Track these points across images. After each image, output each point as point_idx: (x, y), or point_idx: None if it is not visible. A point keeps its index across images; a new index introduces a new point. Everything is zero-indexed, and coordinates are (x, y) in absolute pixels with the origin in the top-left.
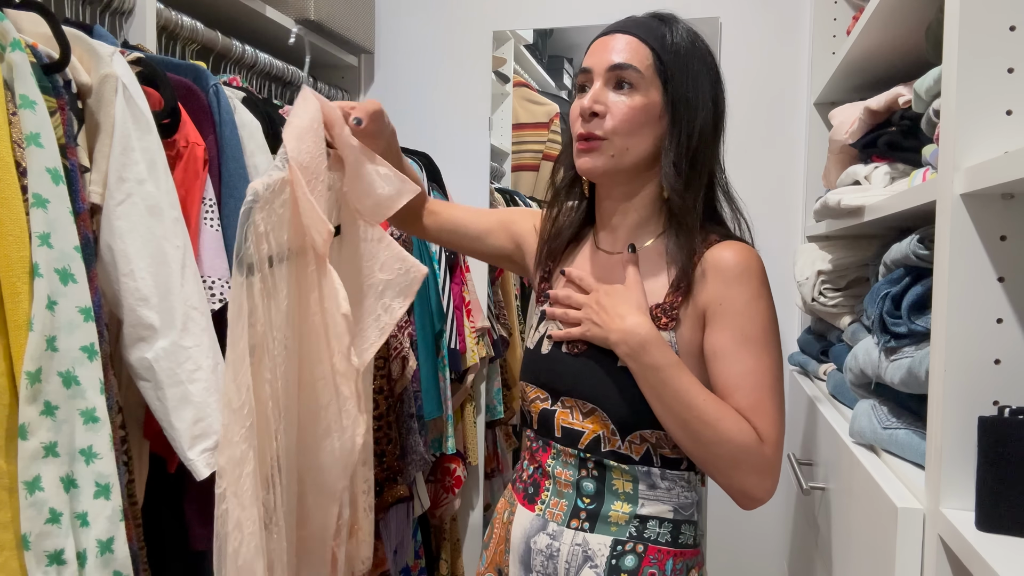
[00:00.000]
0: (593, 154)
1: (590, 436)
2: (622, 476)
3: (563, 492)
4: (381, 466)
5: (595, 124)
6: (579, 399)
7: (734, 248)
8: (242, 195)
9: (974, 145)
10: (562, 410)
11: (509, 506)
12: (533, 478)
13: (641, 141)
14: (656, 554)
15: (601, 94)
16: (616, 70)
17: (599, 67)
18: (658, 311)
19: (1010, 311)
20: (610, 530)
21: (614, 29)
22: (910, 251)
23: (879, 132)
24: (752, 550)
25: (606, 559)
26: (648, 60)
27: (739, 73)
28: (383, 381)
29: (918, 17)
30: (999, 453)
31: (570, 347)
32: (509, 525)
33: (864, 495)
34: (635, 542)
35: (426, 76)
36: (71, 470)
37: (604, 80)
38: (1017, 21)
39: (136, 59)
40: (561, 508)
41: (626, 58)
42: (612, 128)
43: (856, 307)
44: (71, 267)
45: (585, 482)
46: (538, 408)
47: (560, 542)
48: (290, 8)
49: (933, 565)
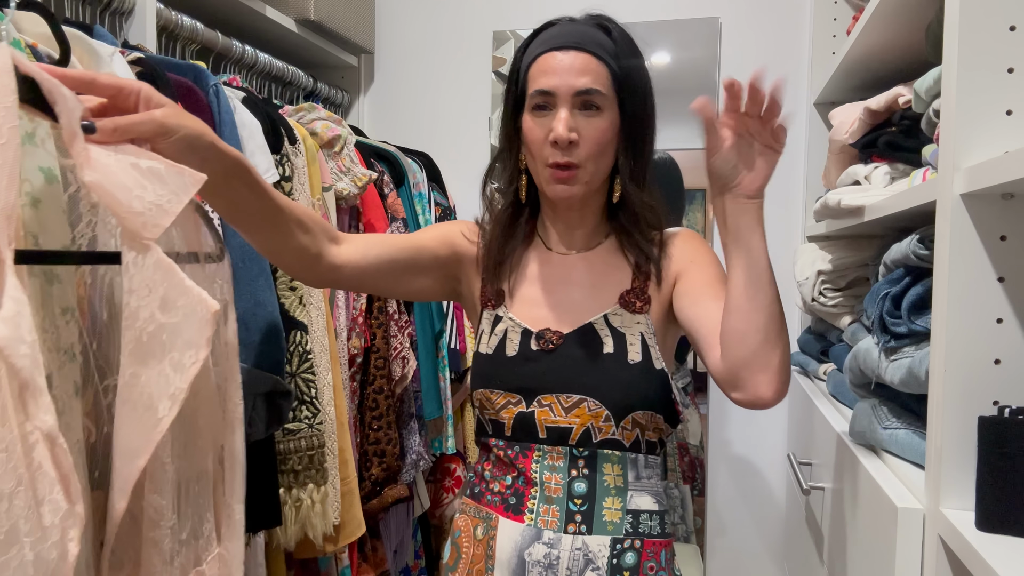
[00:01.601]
0: (571, 183)
1: (580, 430)
2: (612, 468)
3: (552, 498)
4: (381, 466)
5: (572, 153)
6: (561, 394)
7: (684, 231)
8: None
9: (974, 145)
10: (540, 409)
11: (481, 522)
12: (514, 488)
13: (606, 161)
14: (652, 547)
15: (573, 121)
16: (584, 95)
17: (564, 92)
18: (631, 296)
19: (1010, 311)
20: (607, 529)
21: (565, 44)
22: (910, 251)
23: (879, 132)
24: (752, 550)
25: (607, 559)
26: (608, 80)
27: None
28: (383, 381)
29: (918, 17)
30: (999, 453)
31: (542, 343)
32: (491, 541)
33: (864, 495)
34: (632, 538)
35: (426, 76)
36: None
37: (571, 104)
38: (1017, 21)
39: (136, 59)
40: (554, 514)
41: (591, 82)
42: (585, 155)
43: (856, 307)
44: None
45: (576, 483)
46: (512, 413)
47: (559, 549)
48: (290, 8)
49: (933, 565)
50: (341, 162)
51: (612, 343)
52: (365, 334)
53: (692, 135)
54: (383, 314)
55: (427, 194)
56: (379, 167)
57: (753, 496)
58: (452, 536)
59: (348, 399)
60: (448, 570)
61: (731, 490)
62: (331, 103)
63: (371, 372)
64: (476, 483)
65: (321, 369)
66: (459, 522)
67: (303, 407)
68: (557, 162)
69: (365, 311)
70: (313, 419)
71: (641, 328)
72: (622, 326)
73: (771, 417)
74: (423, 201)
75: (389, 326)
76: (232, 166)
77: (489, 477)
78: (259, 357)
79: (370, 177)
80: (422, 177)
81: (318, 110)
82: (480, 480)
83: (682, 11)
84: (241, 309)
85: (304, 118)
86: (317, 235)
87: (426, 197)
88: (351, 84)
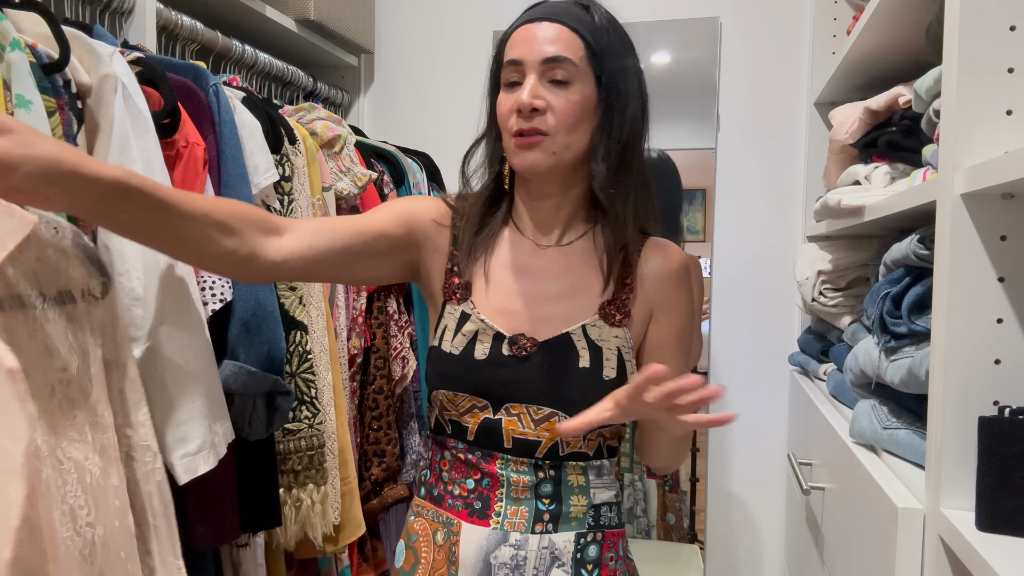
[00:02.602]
0: (535, 150)
1: (548, 444)
2: (575, 472)
3: (520, 499)
4: (381, 466)
5: (537, 120)
6: (531, 405)
7: (670, 249)
8: (242, 195)
9: (974, 145)
10: (508, 418)
11: (441, 527)
12: (479, 491)
13: (580, 137)
14: (611, 538)
15: (539, 88)
16: (551, 63)
17: (532, 60)
18: (611, 308)
19: (1010, 311)
20: (571, 525)
21: (539, 16)
22: (910, 251)
23: (879, 132)
24: (752, 550)
25: (572, 554)
26: (581, 51)
27: (739, 73)
28: (383, 381)
29: (918, 17)
30: (999, 453)
31: (515, 349)
32: (453, 547)
33: (864, 495)
34: (593, 531)
35: (426, 76)
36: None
37: (539, 73)
38: (1017, 21)
39: (136, 59)
40: (522, 515)
41: (560, 50)
42: (555, 125)
43: (856, 307)
44: None
45: (543, 485)
46: (477, 418)
47: (526, 550)
48: (290, 8)
49: (933, 565)
50: (341, 162)
51: (588, 357)
52: (365, 334)
53: (692, 135)
54: (383, 314)
55: (427, 194)
56: (379, 167)
57: (753, 496)
58: (407, 539)
59: (348, 399)
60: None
61: (731, 490)
62: (331, 103)
63: (371, 372)
64: (433, 483)
65: (321, 369)
66: (415, 525)
67: (303, 407)
68: (521, 128)
69: (365, 311)
70: (313, 419)
71: (619, 342)
72: (599, 339)
73: (771, 417)
74: None
75: (389, 326)
76: (108, 188)
77: (448, 479)
78: (260, 357)
79: (370, 177)
80: (422, 177)
81: (318, 110)
82: (438, 481)
83: (682, 11)
84: (243, 310)
85: (304, 118)
86: (246, 234)
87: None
88: (351, 84)
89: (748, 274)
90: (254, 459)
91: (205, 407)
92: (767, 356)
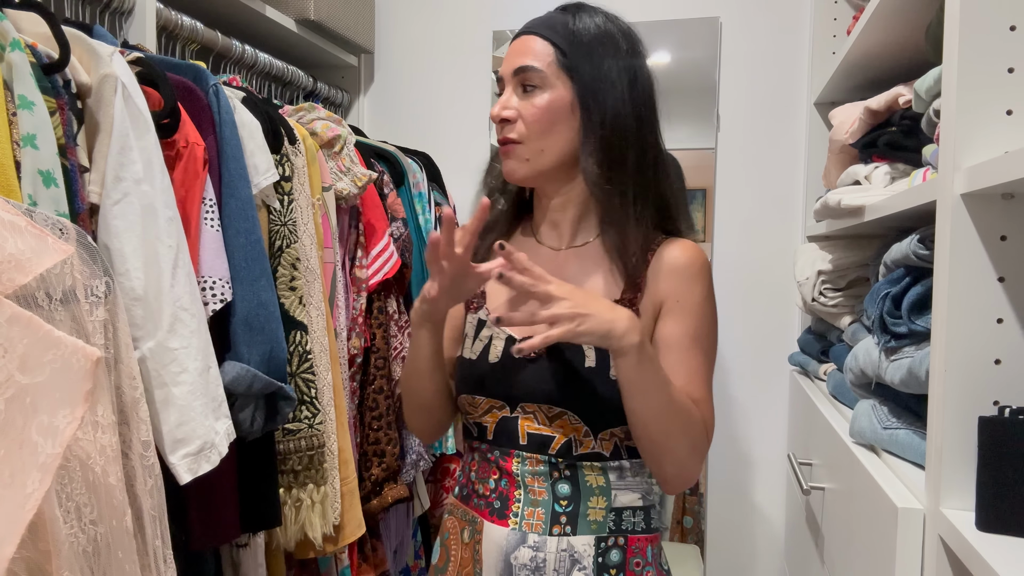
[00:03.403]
0: (511, 159)
1: (560, 442)
2: (594, 472)
3: (537, 500)
4: (381, 466)
5: (508, 129)
6: (543, 404)
7: (686, 246)
8: (242, 195)
9: (974, 145)
10: (524, 416)
11: (468, 525)
12: (499, 491)
13: (557, 139)
14: (637, 543)
15: (509, 99)
16: (520, 73)
17: (507, 73)
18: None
19: (1010, 311)
20: (591, 528)
21: (520, 31)
22: (910, 251)
23: (879, 132)
24: (752, 550)
25: (592, 558)
26: (549, 57)
27: (739, 73)
28: (383, 381)
29: (918, 17)
30: (999, 453)
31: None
32: (477, 545)
33: (864, 495)
34: (616, 536)
35: (426, 76)
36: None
37: (513, 85)
38: (1017, 21)
39: (136, 59)
40: (539, 517)
41: (528, 59)
42: (525, 132)
43: (856, 307)
44: None
45: (559, 485)
46: (496, 417)
47: (545, 552)
48: (290, 8)
49: (933, 565)
50: (341, 162)
51: (595, 357)
52: (365, 334)
53: (692, 135)
54: (383, 314)
55: (427, 194)
56: (379, 167)
57: (753, 496)
58: (441, 537)
59: (348, 399)
60: (438, 572)
61: (731, 490)
62: (331, 103)
63: (371, 372)
64: (464, 484)
65: (321, 369)
66: (448, 523)
67: (303, 407)
68: (499, 139)
69: (365, 311)
70: (313, 419)
71: None
72: None
73: (771, 417)
74: (423, 201)
75: (389, 326)
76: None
77: (475, 478)
78: (262, 357)
79: (370, 177)
80: (422, 177)
81: (318, 110)
82: (468, 481)
83: (682, 11)
84: (244, 310)
85: (304, 118)
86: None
87: (426, 197)
88: (351, 84)
89: (748, 274)
90: (254, 459)
91: (206, 407)
92: (767, 356)
